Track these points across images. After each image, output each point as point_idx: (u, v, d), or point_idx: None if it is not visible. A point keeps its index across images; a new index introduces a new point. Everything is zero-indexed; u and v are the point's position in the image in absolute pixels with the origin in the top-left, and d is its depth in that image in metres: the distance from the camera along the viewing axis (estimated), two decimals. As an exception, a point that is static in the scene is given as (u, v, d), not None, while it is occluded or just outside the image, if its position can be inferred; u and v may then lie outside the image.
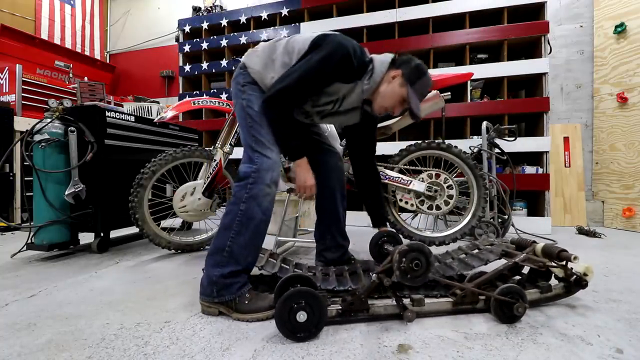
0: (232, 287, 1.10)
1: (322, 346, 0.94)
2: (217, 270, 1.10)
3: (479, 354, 0.89)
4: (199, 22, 3.86)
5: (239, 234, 1.11)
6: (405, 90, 1.20)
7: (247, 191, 1.12)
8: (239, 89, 1.27)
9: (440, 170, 1.91)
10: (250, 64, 1.27)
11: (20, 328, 1.05)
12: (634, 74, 2.89)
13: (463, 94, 2.99)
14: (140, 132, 2.26)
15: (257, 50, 1.30)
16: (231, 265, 1.10)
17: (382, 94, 1.23)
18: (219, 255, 1.11)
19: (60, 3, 4.69)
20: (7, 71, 3.29)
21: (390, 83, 1.21)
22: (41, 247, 1.86)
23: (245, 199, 1.12)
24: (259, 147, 1.17)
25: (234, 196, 1.14)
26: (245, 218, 1.11)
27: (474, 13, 2.99)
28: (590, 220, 3.13)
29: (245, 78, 1.27)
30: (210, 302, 1.11)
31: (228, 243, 1.10)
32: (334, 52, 1.13)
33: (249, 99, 1.24)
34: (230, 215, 1.13)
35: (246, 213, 1.11)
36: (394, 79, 1.21)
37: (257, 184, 1.12)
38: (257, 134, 1.19)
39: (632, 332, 1.02)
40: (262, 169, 1.13)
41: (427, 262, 1.01)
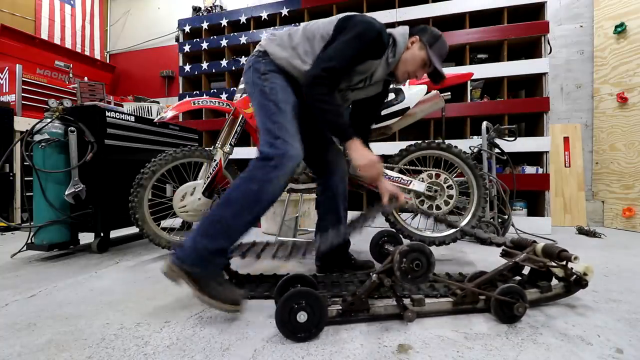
0: (210, 264, 1.06)
1: (322, 346, 0.94)
2: (205, 240, 1.05)
3: (479, 354, 0.89)
4: (199, 22, 3.86)
5: (243, 212, 1.06)
6: (425, 52, 1.27)
7: (266, 173, 1.06)
8: (259, 77, 1.23)
9: (440, 170, 1.91)
10: (274, 52, 1.25)
11: (20, 328, 1.05)
12: (634, 74, 2.89)
13: (463, 94, 2.99)
14: (140, 132, 2.26)
15: (275, 39, 1.29)
16: (222, 240, 1.06)
17: (404, 60, 1.28)
18: (213, 226, 1.06)
19: (60, 3, 4.70)
20: (7, 71, 3.29)
21: (410, 49, 1.28)
22: (41, 247, 1.86)
23: (261, 180, 1.06)
24: (283, 134, 1.12)
25: (249, 172, 1.08)
26: (254, 199, 1.06)
27: (474, 13, 2.99)
28: (590, 220, 3.13)
29: (267, 66, 1.24)
30: (180, 267, 1.04)
31: (228, 217, 1.05)
32: (367, 31, 1.17)
33: (273, 87, 1.21)
34: (239, 191, 1.07)
35: (257, 194, 1.06)
36: (412, 44, 1.28)
37: (279, 170, 1.07)
38: (281, 122, 1.14)
39: (632, 332, 1.01)
40: (287, 156, 1.08)
41: (428, 263, 1.00)
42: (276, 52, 1.24)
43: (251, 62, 1.29)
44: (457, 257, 1.91)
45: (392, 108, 1.88)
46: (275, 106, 1.17)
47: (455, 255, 1.95)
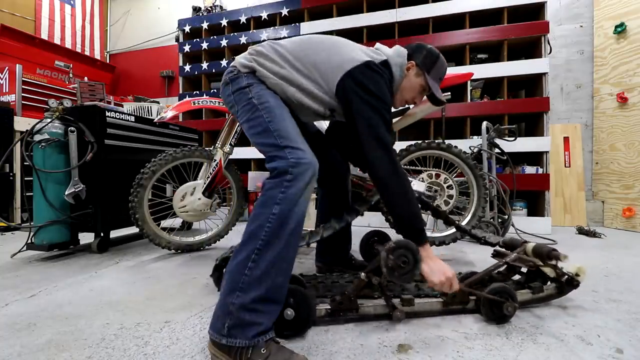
0: (251, 328, 0.80)
1: (322, 346, 0.94)
2: (235, 296, 0.81)
3: (479, 354, 0.89)
4: (199, 22, 3.86)
5: (269, 244, 0.84)
6: (423, 79, 1.19)
7: (284, 190, 0.87)
8: (241, 91, 1.08)
9: (440, 170, 1.91)
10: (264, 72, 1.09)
11: (20, 328, 1.05)
12: (634, 74, 2.89)
13: (463, 94, 2.99)
14: (140, 132, 2.26)
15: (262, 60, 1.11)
16: (254, 288, 0.82)
17: (402, 90, 1.21)
18: (238, 275, 0.83)
19: (60, 3, 4.70)
20: (7, 71, 3.29)
21: (406, 77, 1.19)
22: (41, 247, 1.86)
23: (280, 200, 0.87)
24: (287, 141, 0.95)
25: (265, 194, 0.89)
26: (278, 224, 0.85)
27: (474, 13, 2.99)
28: (590, 220, 3.13)
29: (248, 79, 1.09)
30: (216, 343, 0.82)
31: (253, 257, 0.83)
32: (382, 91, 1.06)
33: (260, 94, 1.06)
34: (258, 221, 0.86)
35: (280, 217, 0.85)
36: (408, 70, 1.19)
37: (297, 181, 0.88)
38: (281, 128, 0.99)
39: (632, 332, 1.02)
40: (302, 163, 0.90)
41: (415, 259, 0.97)
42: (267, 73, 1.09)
43: (231, 77, 1.12)
44: (457, 257, 1.91)
45: (392, 108, 1.88)
46: (269, 113, 1.02)
47: (455, 255, 1.95)
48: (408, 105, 1.27)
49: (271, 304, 0.85)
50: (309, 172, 0.91)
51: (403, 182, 1.00)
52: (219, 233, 2.17)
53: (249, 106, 1.05)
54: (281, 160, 0.92)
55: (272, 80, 1.08)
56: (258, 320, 0.81)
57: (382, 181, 1.01)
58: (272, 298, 0.84)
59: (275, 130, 0.98)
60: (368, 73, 1.06)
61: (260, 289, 0.82)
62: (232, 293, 0.82)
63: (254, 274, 0.82)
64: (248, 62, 1.11)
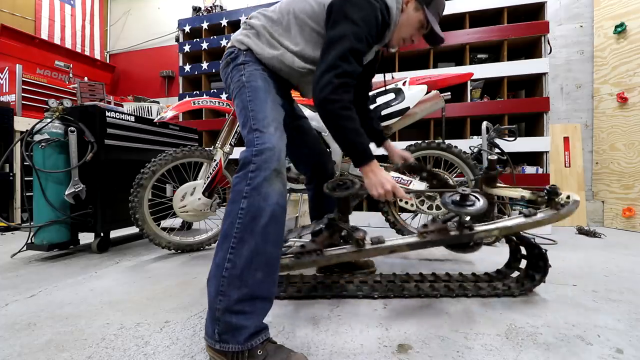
0: (241, 332, 0.76)
1: (322, 346, 0.94)
2: (218, 300, 0.78)
3: (479, 354, 0.89)
4: (199, 22, 3.86)
5: (242, 241, 0.80)
6: (422, 13, 1.14)
7: (249, 182, 0.83)
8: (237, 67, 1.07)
9: (440, 170, 1.91)
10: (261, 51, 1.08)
11: (20, 328, 1.05)
12: (634, 74, 2.89)
13: (463, 94, 2.99)
14: (140, 132, 2.26)
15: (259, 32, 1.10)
16: (234, 289, 0.77)
17: (399, 26, 1.14)
18: (217, 278, 0.79)
19: (60, 3, 4.70)
20: (7, 71, 3.29)
21: (404, 11, 1.13)
22: (41, 247, 1.86)
23: (247, 193, 0.82)
24: (258, 124, 0.93)
25: (232, 191, 0.86)
26: (249, 218, 0.81)
27: (474, 13, 2.99)
28: (590, 220, 3.13)
29: (246, 57, 1.08)
30: (211, 347, 0.79)
31: (228, 257, 0.79)
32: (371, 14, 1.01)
33: (251, 72, 1.05)
34: (229, 218, 0.83)
35: (249, 211, 0.81)
36: (407, 4, 1.13)
37: (261, 171, 0.84)
38: (257, 109, 0.97)
39: (632, 332, 1.01)
40: (265, 149, 0.87)
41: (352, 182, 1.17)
42: (264, 52, 1.08)
43: (227, 56, 1.12)
44: (457, 257, 1.91)
45: (392, 108, 1.88)
46: (252, 92, 1.01)
47: (455, 255, 1.95)
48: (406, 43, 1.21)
49: (256, 302, 0.80)
50: (274, 157, 0.87)
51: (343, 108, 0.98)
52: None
53: (239, 83, 1.05)
54: (249, 149, 0.89)
55: (267, 55, 1.07)
56: (246, 323, 0.77)
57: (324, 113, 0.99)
58: (256, 295, 0.79)
59: (251, 110, 0.98)
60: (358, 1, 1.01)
61: (242, 289, 0.78)
62: (216, 297, 0.78)
63: (232, 274, 0.78)
64: (245, 39, 1.10)
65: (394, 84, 1.93)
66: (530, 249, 1.32)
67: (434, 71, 3.03)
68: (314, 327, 1.05)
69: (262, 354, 0.77)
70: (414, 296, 1.28)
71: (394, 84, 1.93)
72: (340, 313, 1.15)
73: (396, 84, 1.93)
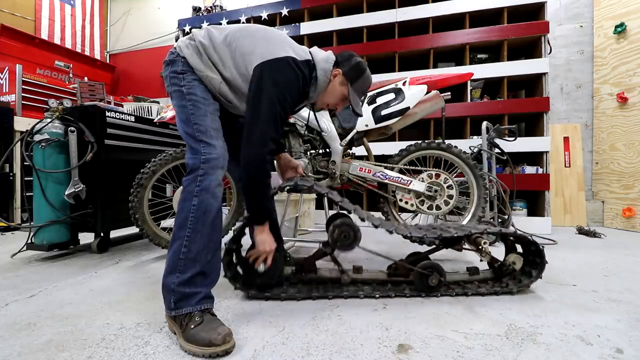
0: (192, 298, 0.97)
1: (322, 346, 0.94)
2: (174, 277, 0.97)
3: (479, 354, 0.89)
4: (199, 22, 3.86)
5: (195, 230, 1.00)
6: (346, 89, 1.23)
7: (198, 184, 1.02)
8: (176, 76, 1.14)
9: (440, 170, 1.91)
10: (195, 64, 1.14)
11: (20, 328, 1.05)
12: (634, 74, 2.89)
13: (463, 94, 2.99)
14: (140, 132, 2.26)
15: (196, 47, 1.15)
16: (190, 268, 0.98)
17: (325, 93, 1.24)
18: (175, 260, 0.99)
19: (60, 3, 4.70)
20: (7, 71, 3.29)
21: (331, 82, 1.23)
22: (41, 247, 1.86)
23: (197, 192, 1.01)
24: (203, 136, 1.06)
25: (184, 191, 1.04)
26: (201, 212, 1.01)
27: (474, 13, 2.99)
28: (590, 220, 3.13)
29: (184, 66, 1.14)
30: (167, 315, 1.00)
31: (184, 243, 0.99)
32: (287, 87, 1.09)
33: (191, 85, 1.12)
34: (183, 213, 1.02)
35: (200, 207, 1.01)
36: (335, 77, 1.22)
37: (208, 175, 1.03)
38: (200, 122, 1.08)
39: (632, 332, 1.02)
40: (211, 159, 1.04)
41: (355, 236, 1.25)
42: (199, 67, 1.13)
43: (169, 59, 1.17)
44: (457, 257, 1.91)
45: (392, 108, 1.88)
46: (193, 106, 1.10)
47: (455, 254, 1.95)
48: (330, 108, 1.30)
49: (206, 278, 1.02)
50: (219, 165, 1.06)
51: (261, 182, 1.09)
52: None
53: (179, 93, 1.13)
54: (194, 157, 1.05)
55: (198, 73, 1.13)
56: (197, 290, 0.98)
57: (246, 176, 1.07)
58: (207, 272, 1.02)
59: (195, 124, 1.08)
60: (283, 68, 1.09)
61: (196, 268, 0.99)
62: (172, 274, 0.98)
63: (188, 257, 0.98)
64: (185, 49, 1.15)
65: (394, 84, 1.93)
66: (527, 247, 1.33)
67: (434, 71, 3.03)
68: (314, 327, 1.05)
69: (199, 320, 0.95)
70: (414, 295, 1.28)
71: (394, 84, 1.93)
72: (340, 313, 1.15)
73: (396, 84, 1.93)
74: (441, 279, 1.28)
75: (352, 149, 2.01)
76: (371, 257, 1.76)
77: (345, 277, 1.30)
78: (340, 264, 1.32)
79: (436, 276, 1.28)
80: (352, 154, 2.03)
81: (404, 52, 3.14)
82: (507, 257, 1.36)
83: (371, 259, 1.78)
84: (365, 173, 1.89)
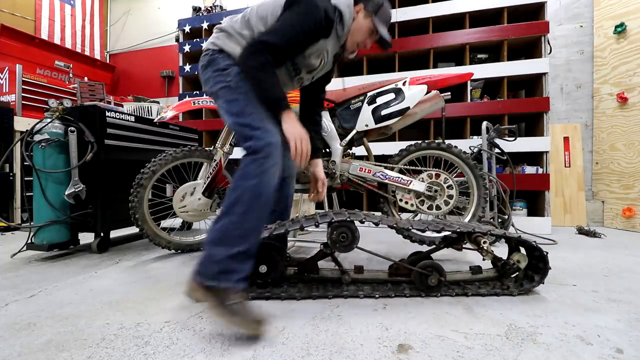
0: (235, 274, 0.99)
1: (322, 346, 0.94)
2: (222, 249, 0.98)
3: (479, 354, 0.89)
4: (199, 22, 3.86)
5: (251, 210, 1.01)
6: (371, 20, 1.25)
7: (259, 165, 1.03)
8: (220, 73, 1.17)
9: (440, 170, 1.91)
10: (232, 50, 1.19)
11: (20, 328, 1.05)
12: (634, 74, 2.89)
13: (463, 94, 2.99)
14: (140, 132, 2.26)
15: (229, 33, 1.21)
16: (240, 244, 0.99)
17: (352, 32, 1.26)
18: (224, 232, 1.00)
19: (60, 3, 4.69)
20: (7, 71, 3.29)
21: (356, 19, 1.25)
22: (41, 247, 1.86)
23: (257, 174, 1.02)
24: (261, 123, 1.08)
25: (243, 170, 1.04)
26: (257, 193, 1.02)
27: (474, 13, 2.99)
28: (590, 220, 3.13)
29: (225, 60, 1.18)
30: (201, 285, 0.99)
31: (238, 219, 1.00)
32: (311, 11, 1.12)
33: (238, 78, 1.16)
34: (239, 190, 1.02)
35: (257, 188, 1.02)
36: (357, 13, 1.25)
37: (270, 159, 1.03)
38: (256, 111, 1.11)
39: (632, 332, 1.02)
40: (273, 143, 1.05)
41: (353, 236, 1.24)
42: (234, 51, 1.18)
43: (206, 60, 1.22)
44: (457, 257, 1.91)
45: (392, 108, 1.88)
46: (246, 99, 1.13)
47: (455, 254, 1.95)
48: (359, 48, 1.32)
49: (248, 259, 1.03)
50: (278, 152, 1.07)
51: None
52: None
53: (227, 89, 1.16)
54: (256, 140, 1.05)
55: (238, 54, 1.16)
56: (240, 268, 1.00)
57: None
58: (250, 254, 1.03)
59: (251, 113, 1.11)
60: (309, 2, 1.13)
61: (245, 245, 1.00)
62: (220, 246, 0.99)
63: (239, 234, 1.00)
64: (217, 41, 1.21)
65: (394, 84, 1.92)
66: (531, 251, 1.32)
67: (434, 71, 3.03)
68: (313, 327, 1.05)
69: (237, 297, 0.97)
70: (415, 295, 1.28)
71: (393, 84, 1.93)
72: (340, 313, 1.15)
73: (396, 84, 1.93)
74: (441, 278, 1.28)
75: (352, 149, 2.01)
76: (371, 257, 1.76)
77: (347, 277, 1.31)
78: (341, 264, 1.33)
79: (436, 276, 1.27)
80: (352, 154, 2.03)
81: (404, 52, 3.14)
82: (511, 256, 1.35)
83: (371, 259, 1.78)
84: (365, 173, 1.89)
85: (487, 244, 1.27)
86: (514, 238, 1.31)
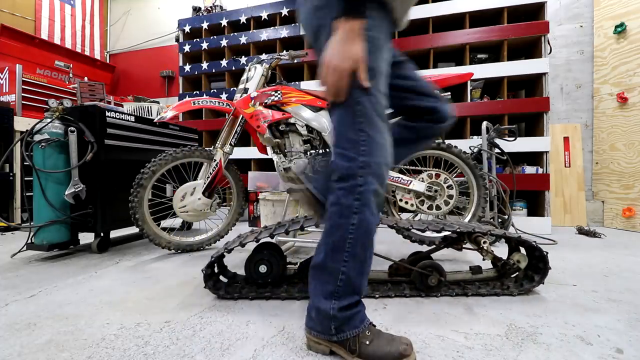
0: (353, 319, 0.86)
1: (322, 346, 0.93)
2: (331, 302, 0.84)
3: (479, 354, 0.89)
4: (199, 22, 3.86)
5: (355, 256, 0.84)
6: None
7: (357, 196, 0.82)
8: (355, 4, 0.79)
9: (440, 170, 1.91)
10: None
11: (20, 328, 1.05)
12: (634, 74, 2.89)
13: (463, 94, 2.99)
14: (140, 132, 2.26)
15: None
16: (348, 296, 0.85)
17: None
18: (332, 284, 0.85)
19: (60, 3, 4.69)
20: (7, 71, 3.29)
21: None
22: (41, 247, 1.86)
23: (358, 208, 0.82)
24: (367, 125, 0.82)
25: (338, 204, 0.84)
26: (362, 233, 0.83)
27: (474, 13, 2.99)
28: (590, 220, 3.13)
29: None
30: (329, 340, 0.87)
31: (342, 269, 0.84)
32: None
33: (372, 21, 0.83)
34: (339, 232, 0.83)
35: (361, 226, 0.83)
36: None
37: (369, 184, 0.82)
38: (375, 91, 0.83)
39: (632, 332, 1.02)
40: (372, 162, 0.82)
41: None
42: None
43: None
44: (457, 257, 1.91)
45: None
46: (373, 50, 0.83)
47: (455, 254, 1.95)
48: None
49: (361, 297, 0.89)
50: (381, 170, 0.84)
51: None
52: (219, 233, 2.17)
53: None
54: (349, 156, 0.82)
55: None
56: (357, 310, 0.87)
57: None
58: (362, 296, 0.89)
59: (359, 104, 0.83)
60: None
61: (354, 296, 0.86)
62: (328, 300, 0.85)
63: (346, 284, 0.85)
64: None
65: (394, 84, 1.92)
66: (531, 251, 1.33)
67: (434, 71, 3.03)
68: (314, 327, 1.05)
69: (370, 335, 0.86)
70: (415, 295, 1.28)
71: (394, 84, 1.93)
72: (340, 313, 1.15)
73: (396, 84, 1.93)
74: (441, 278, 1.28)
75: (352, 149, 2.01)
76: (371, 257, 1.76)
77: None
78: None
79: (436, 276, 1.27)
80: (352, 154, 2.03)
81: (404, 52, 3.14)
82: (511, 256, 1.35)
83: (371, 259, 1.78)
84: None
85: (487, 244, 1.27)
86: (514, 238, 1.31)
